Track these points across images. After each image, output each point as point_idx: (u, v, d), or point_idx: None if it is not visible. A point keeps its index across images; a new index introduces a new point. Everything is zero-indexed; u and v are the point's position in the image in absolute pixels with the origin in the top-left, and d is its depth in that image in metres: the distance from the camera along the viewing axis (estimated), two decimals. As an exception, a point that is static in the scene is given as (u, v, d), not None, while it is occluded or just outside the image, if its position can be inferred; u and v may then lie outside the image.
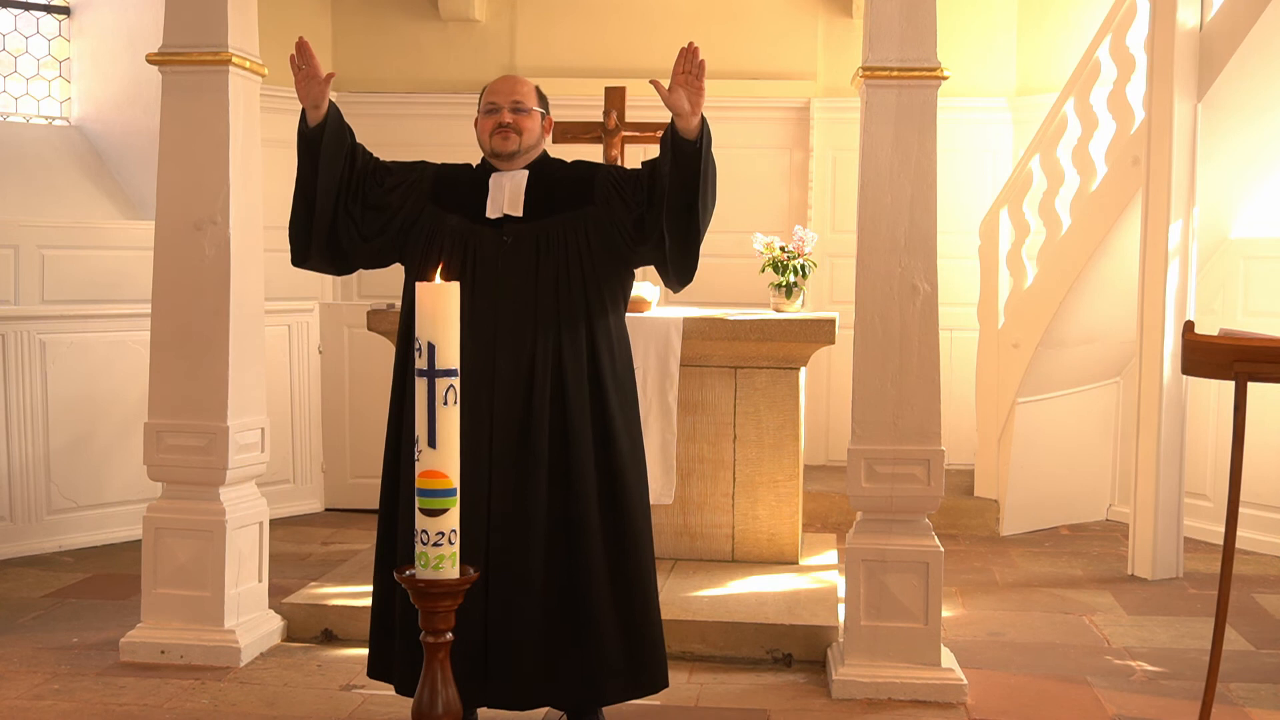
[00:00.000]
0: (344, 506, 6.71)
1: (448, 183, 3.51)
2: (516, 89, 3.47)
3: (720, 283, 6.87)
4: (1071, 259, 5.99)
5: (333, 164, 3.42)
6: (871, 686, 3.89)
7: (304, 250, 3.48)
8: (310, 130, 3.42)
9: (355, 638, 4.37)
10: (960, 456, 6.55)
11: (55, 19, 6.50)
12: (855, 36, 6.54)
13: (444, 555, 2.30)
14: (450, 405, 2.31)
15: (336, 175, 3.42)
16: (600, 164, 3.62)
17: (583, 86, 6.35)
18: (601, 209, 3.41)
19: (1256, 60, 5.30)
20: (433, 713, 2.33)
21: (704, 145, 3.25)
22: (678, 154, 3.25)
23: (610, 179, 3.46)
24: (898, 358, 3.96)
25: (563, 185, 3.47)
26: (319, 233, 3.43)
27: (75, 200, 6.23)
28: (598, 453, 3.37)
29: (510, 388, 3.34)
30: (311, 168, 3.42)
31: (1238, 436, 3.28)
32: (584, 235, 3.39)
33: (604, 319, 3.43)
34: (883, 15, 3.93)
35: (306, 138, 3.42)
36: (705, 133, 3.25)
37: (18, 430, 5.70)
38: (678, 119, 3.24)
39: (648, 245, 3.39)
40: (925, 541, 3.98)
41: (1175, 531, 5.47)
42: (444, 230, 3.43)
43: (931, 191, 3.96)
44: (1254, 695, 3.96)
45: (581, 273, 3.39)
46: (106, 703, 3.83)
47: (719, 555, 5.14)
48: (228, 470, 4.23)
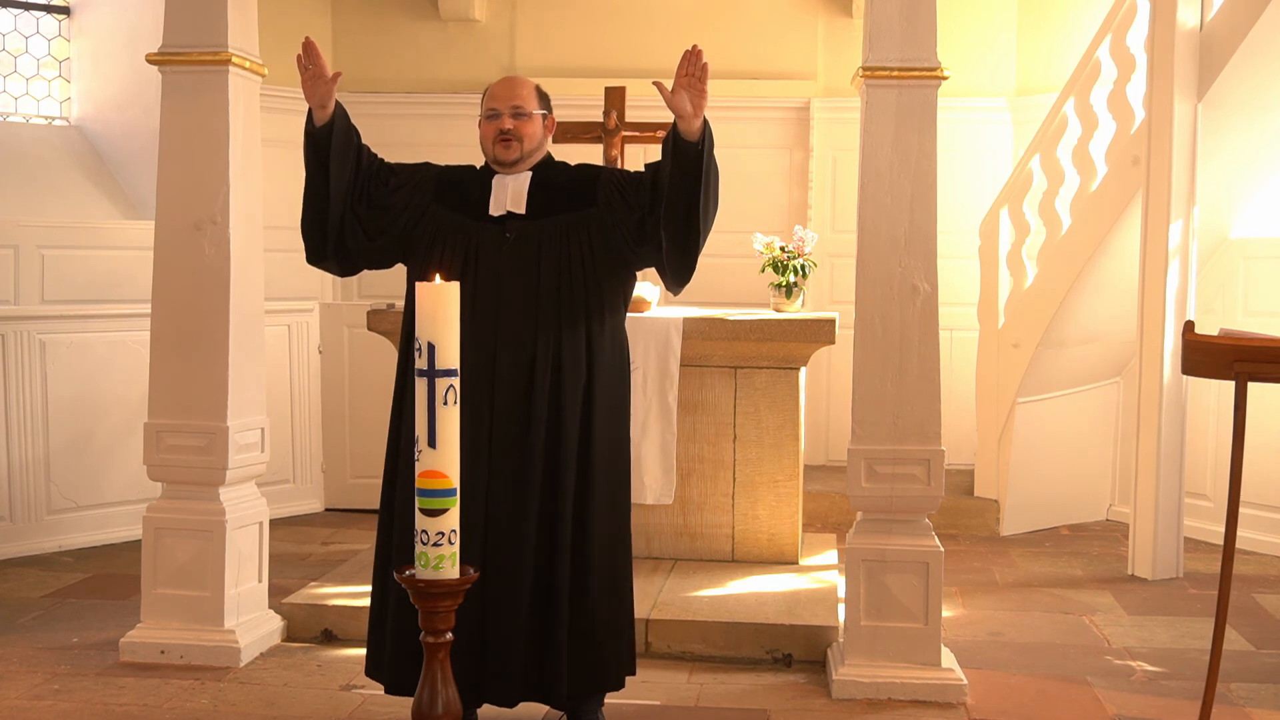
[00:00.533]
0: (344, 506, 6.70)
1: (450, 183, 3.52)
2: (516, 93, 3.46)
3: (720, 283, 6.87)
4: (1071, 259, 5.99)
5: (341, 163, 3.42)
6: (871, 686, 3.89)
7: (320, 249, 3.49)
8: (317, 130, 3.42)
9: (355, 638, 4.37)
10: (960, 456, 6.55)
11: (55, 19, 6.50)
12: (855, 36, 6.54)
13: (444, 555, 2.30)
14: (450, 405, 2.31)
15: (345, 175, 3.43)
16: (604, 166, 3.62)
17: (583, 86, 6.34)
18: (604, 210, 3.42)
19: (1256, 60, 5.30)
20: (433, 713, 2.33)
21: (706, 148, 3.25)
22: (679, 156, 3.25)
23: (613, 181, 3.46)
24: (898, 358, 3.96)
25: (566, 187, 3.47)
26: (332, 230, 3.44)
27: (75, 200, 6.23)
28: (579, 453, 3.39)
29: (510, 387, 3.34)
30: (320, 168, 3.42)
31: (1238, 436, 3.28)
32: (586, 236, 3.40)
33: (604, 320, 3.43)
34: (883, 15, 3.93)
35: (314, 137, 3.43)
36: (707, 135, 3.26)
37: (18, 430, 5.69)
38: (680, 121, 3.24)
39: (648, 247, 3.39)
40: (925, 541, 3.98)
41: (1175, 531, 5.47)
42: (446, 229, 3.43)
43: (931, 191, 3.96)
44: (1254, 695, 3.96)
45: (583, 273, 3.39)
46: (106, 703, 3.83)
47: (719, 555, 5.14)
48: (228, 470, 4.23)
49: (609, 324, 3.45)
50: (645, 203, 3.37)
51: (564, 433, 3.35)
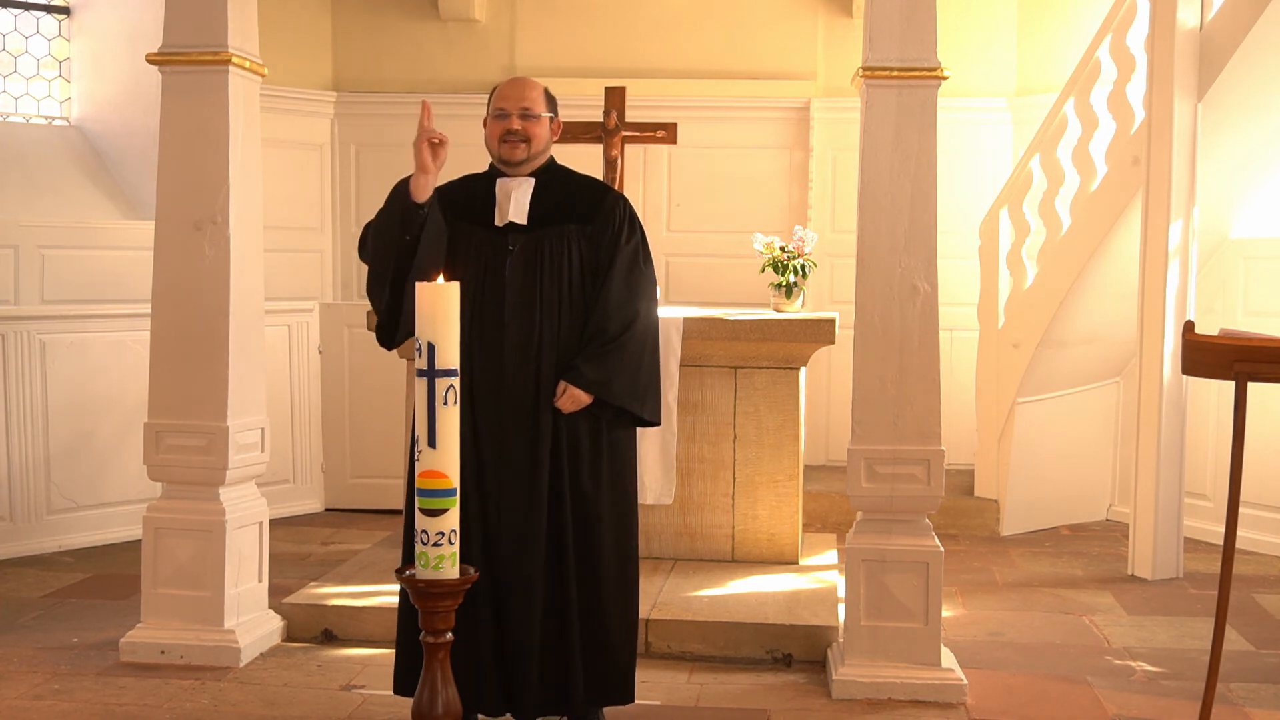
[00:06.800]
0: (344, 506, 6.70)
1: (451, 197, 3.50)
2: (525, 94, 3.47)
3: (720, 283, 6.87)
4: (1071, 259, 5.99)
5: (428, 243, 3.35)
6: (871, 686, 3.89)
7: (391, 335, 3.44)
8: (418, 207, 3.32)
9: (355, 638, 4.38)
10: (960, 456, 6.55)
11: (55, 19, 6.50)
12: (855, 36, 6.54)
13: (444, 555, 2.30)
14: (450, 405, 2.31)
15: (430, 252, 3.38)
16: (612, 193, 3.59)
17: (583, 86, 6.35)
18: (597, 232, 3.44)
19: (1256, 60, 5.30)
20: (433, 713, 2.33)
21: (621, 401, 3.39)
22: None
23: (612, 228, 3.45)
24: (898, 358, 3.96)
25: (569, 196, 3.49)
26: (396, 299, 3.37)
27: (75, 200, 6.22)
28: (586, 467, 3.41)
29: (518, 399, 3.37)
30: (401, 237, 3.33)
31: (1238, 436, 3.28)
32: (579, 248, 3.42)
33: None
34: (883, 15, 3.93)
35: (410, 206, 3.32)
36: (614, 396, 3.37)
37: (18, 430, 5.69)
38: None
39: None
40: (925, 541, 3.98)
41: (1175, 531, 5.46)
42: (459, 240, 3.44)
43: (931, 191, 3.96)
44: (1254, 695, 3.96)
45: (583, 280, 3.41)
46: (106, 703, 3.83)
47: (719, 555, 5.13)
48: (228, 470, 4.23)
49: None
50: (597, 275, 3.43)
51: (574, 445, 3.38)
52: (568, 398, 3.33)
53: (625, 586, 3.48)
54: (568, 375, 3.34)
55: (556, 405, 3.34)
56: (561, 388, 3.33)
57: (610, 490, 3.44)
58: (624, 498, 3.49)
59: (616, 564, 3.45)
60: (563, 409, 3.34)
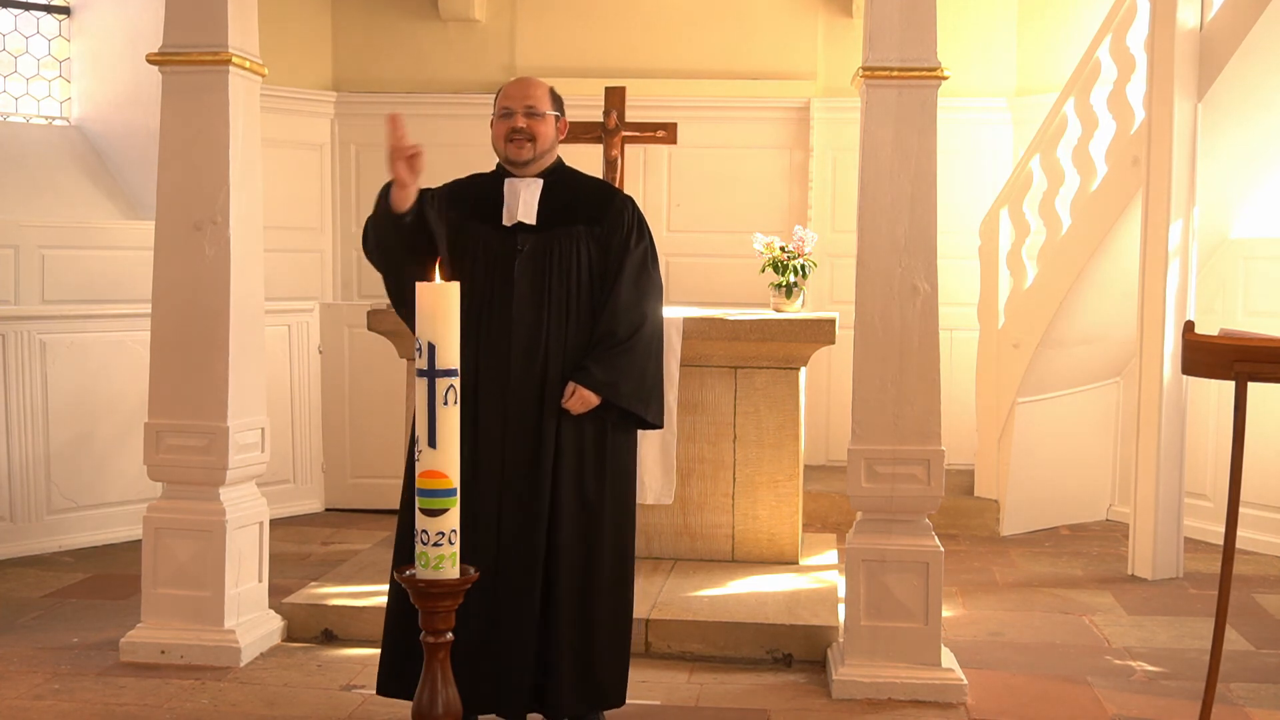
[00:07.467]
0: (344, 506, 6.70)
1: (460, 195, 3.50)
2: (531, 93, 3.47)
3: (720, 283, 6.87)
4: (1071, 259, 5.99)
5: (415, 240, 3.36)
6: (871, 686, 3.89)
7: (400, 302, 3.47)
8: (401, 216, 3.30)
9: (355, 638, 4.38)
10: (960, 456, 6.55)
11: (55, 19, 6.49)
12: (855, 36, 6.53)
13: (444, 555, 2.30)
14: (450, 405, 2.31)
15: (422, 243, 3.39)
16: (620, 195, 3.60)
17: (583, 86, 6.34)
18: (605, 233, 3.44)
19: (1256, 60, 5.30)
20: (433, 713, 2.33)
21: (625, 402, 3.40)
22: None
23: (622, 231, 3.45)
24: (898, 358, 3.96)
25: (577, 197, 3.49)
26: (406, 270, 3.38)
27: (75, 200, 6.22)
28: (588, 470, 3.41)
29: (523, 399, 3.37)
30: (396, 239, 3.35)
31: (1238, 436, 3.28)
32: (590, 247, 3.42)
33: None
34: (883, 15, 3.93)
35: (393, 216, 3.31)
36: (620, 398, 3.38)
37: (18, 430, 5.69)
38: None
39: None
40: (925, 541, 3.98)
41: (1175, 531, 5.47)
42: (467, 238, 3.43)
43: (931, 191, 3.96)
44: (1254, 695, 3.96)
45: (590, 283, 3.42)
46: (106, 703, 3.83)
47: (719, 555, 5.13)
48: (228, 470, 4.23)
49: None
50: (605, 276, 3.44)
51: (575, 448, 3.38)
52: (577, 399, 3.33)
53: (620, 590, 3.46)
54: (577, 376, 3.34)
55: (565, 406, 3.34)
56: (570, 389, 3.34)
57: (611, 493, 3.44)
58: (623, 501, 3.49)
59: (613, 568, 3.44)
60: (571, 410, 3.34)
